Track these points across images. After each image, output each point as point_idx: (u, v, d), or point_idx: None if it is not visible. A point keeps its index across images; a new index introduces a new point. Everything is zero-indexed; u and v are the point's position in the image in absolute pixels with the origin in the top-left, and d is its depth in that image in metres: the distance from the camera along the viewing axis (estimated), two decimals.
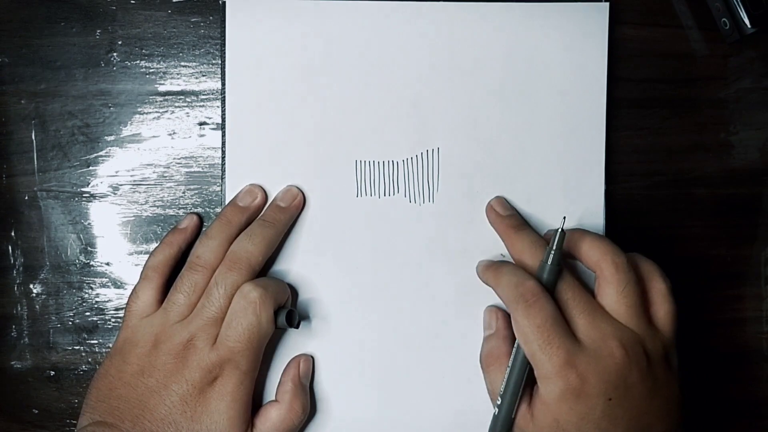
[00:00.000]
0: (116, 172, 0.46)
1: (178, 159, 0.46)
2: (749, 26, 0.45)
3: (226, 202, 0.44)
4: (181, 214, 0.46)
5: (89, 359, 0.46)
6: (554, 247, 0.40)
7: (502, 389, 0.40)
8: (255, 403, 0.43)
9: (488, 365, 0.42)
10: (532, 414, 0.39)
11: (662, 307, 0.40)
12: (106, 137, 0.46)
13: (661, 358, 0.40)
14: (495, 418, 0.41)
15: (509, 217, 0.44)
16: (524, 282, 0.39)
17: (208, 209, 0.46)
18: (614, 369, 0.38)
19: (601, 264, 0.40)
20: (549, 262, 0.40)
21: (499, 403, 0.40)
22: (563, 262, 0.40)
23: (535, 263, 0.41)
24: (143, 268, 0.43)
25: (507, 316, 0.43)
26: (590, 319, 0.39)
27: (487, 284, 0.43)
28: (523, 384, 0.40)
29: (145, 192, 0.46)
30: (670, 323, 0.40)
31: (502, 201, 0.45)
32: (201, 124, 0.46)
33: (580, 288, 0.40)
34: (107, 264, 0.46)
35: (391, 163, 0.45)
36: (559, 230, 0.40)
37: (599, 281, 0.40)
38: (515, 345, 0.40)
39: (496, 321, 0.44)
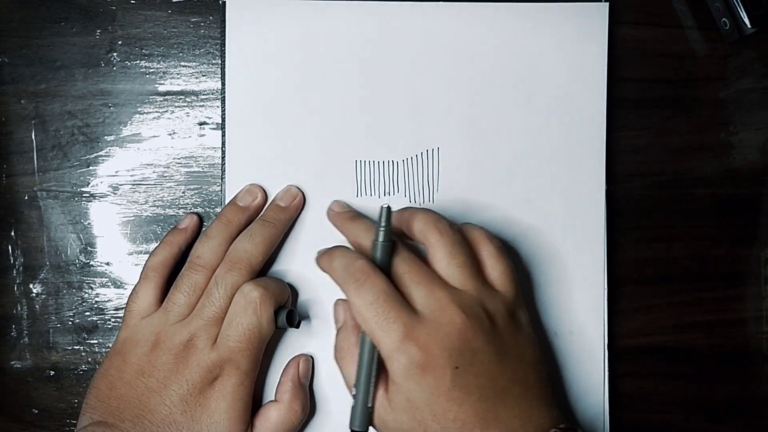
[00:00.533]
0: (116, 171, 0.46)
1: (178, 159, 0.46)
2: (749, 26, 0.45)
3: (226, 202, 0.44)
4: (181, 214, 0.46)
5: (89, 359, 0.46)
6: (382, 224, 0.39)
7: (355, 379, 0.39)
8: (255, 403, 0.43)
9: (341, 359, 0.41)
10: (389, 399, 0.38)
11: (496, 268, 0.40)
12: (106, 137, 0.46)
13: (506, 318, 0.39)
14: (353, 409, 0.39)
15: (347, 212, 0.44)
16: (354, 262, 0.38)
17: (208, 209, 0.46)
18: (456, 335, 0.37)
19: (426, 232, 0.39)
20: (379, 239, 0.39)
21: (353, 393, 0.39)
22: (397, 240, 0.39)
23: (369, 246, 0.40)
24: (143, 267, 0.43)
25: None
26: (427, 289, 0.38)
27: (323, 271, 0.41)
28: (375, 369, 0.38)
29: (145, 192, 0.46)
30: (508, 282, 0.40)
31: (340, 202, 0.45)
32: (201, 123, 0.46)
33: (415, 260, 0.39)
34: (107, 264, 0.46)
35: (391, 163, 0.45)
36: (385, 206, 0.39)
37: (429, 250, 0.39)
38: (362, 331, 0.39)
39: (343, 313, 0.42)
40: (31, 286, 0.46)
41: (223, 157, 0.45)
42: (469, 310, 0.38)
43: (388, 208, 0.39)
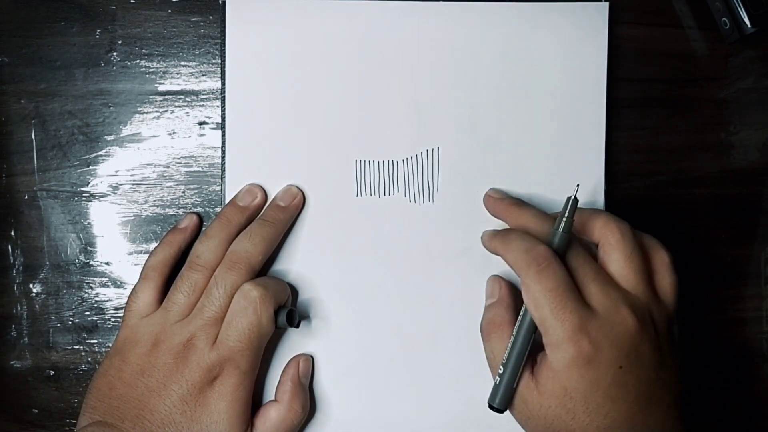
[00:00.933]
0: (116, 171, 0.46)
1: (178, 158, 0.46)
2: (749, 26, 0.45)
3: (226, 202, 0.44)
4: (180, 213, 0.46)
5: (89, 359, 0.46)
6: (566, 214, 0.39)
7: (504, 357, 0.40)
8: (255, 402, 0.43)
9: (489, 333, 0.42)
10: (536, 382, 0.39)
11: (666, 278, 0.40)
12: (105, 137, 0.46)
13: (667, 328, 0.40)
14: (495, 387, 0.40)
15: (508, 198, 0.44)
16: (535, 247, 0.39)
17: (207, 209, 0.46)
18: (626, 336, 0.38)
19: (606, 232, 0.40)
20: (560, 229, 0.39)
21: (501, 372, 0.40)
22: (574, 233, 0.40)
23: (540, 233, 0.40)
24: (143, 267, 0.43)
25: (510, 285, 0.43)
26: (601, 286, 0.39)
27: (494, 253, 0.42)
28: (527, 352, 0.39)
29: (144, 192, 0.46)
30: (673, 294, 0.40)
31: (498, 189, 0.45)
32: (201, 123, 0.46)
33: (589, 256, 0.40)
34: (107, 263, 0.46)
35: (391, 162, 0.45)
36: (573, 197, 0.39)
37: (605, 248, 0.40)
38: (522, 311, 0.40)
39: (499, 289, 0.43)
40: (30, 285, 0.46)
41: (223, 157, 0.45)
42: (640, 315, 0.38)
43: (576, 200, 0.39)
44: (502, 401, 0.40)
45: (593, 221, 0.40)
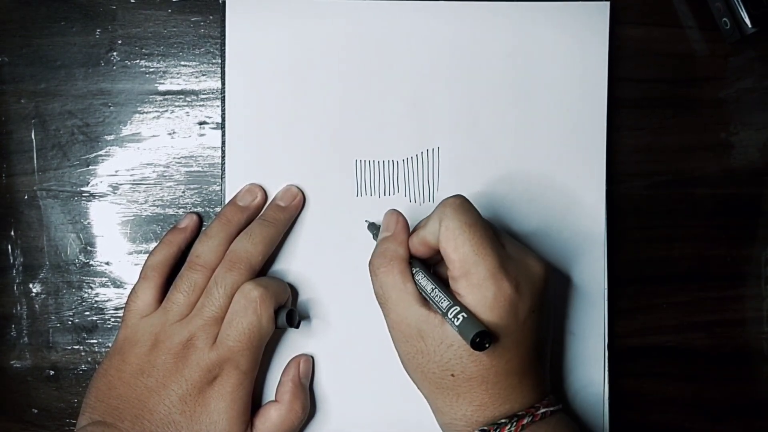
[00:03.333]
0: (116, 171, 0.46)
1: (178, 158, 0.46)
2: (750, 26, 0.45)
3: (226, 202, 0.44)
4: (180, 213, 0.46)
5: (89, 359, 0.46)
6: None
7: (430, 293, 0.38)
8: (255, 403, 0.43)
9: (378, 267, 0.40)
10: (443, 323, 0.38)
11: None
12: (105, 137, 0.46)
13: None
14: (462, 323, 0.36)
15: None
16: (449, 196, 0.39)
17: (207, 209, 0.46)
18: (539, 280, 0.39)
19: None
20: None
21: (453, 309, 0.37)
22: None
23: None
24: (143, 267, 0.43)
25: (406, 223, 0.41)
26: (508, 236, 0.40)
27: (418, 235, 0.40)
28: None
29: (144, 191, 0.46)
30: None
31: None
32: (201, 123, 0.46)
33: None
34: (107, 263, 0.46)
35: (391, 162, 0.45)
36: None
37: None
38: (419, 276, 0.39)
39: (395, 223, 0.41)
40: (30, 285, 0.46)
41: (223, 157, 0.45)
42: (543, 263, 0.39)
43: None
44: (477, 324, 0.36)
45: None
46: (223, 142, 0.45)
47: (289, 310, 0.42)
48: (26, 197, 0.46)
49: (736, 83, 0.47)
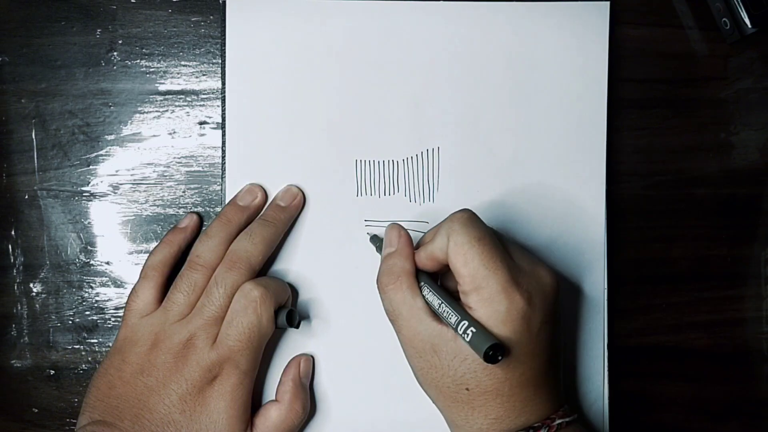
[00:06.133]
0: (116, 171, 0.46)
1: (179, 158, 0.46)
2: (750, 26, 0.45)
3: (227, 202, 0.44)
4: (181, 213, 0.46)
5: (89, 358, 0.46)
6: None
7: (438, 308, 0.38)
8: (255, 402, 0.43)
9: (387, 284, 0.40)
10: (456, 337, 0.38)
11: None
12: (106, 136, 0.46)
13: None
14: (474, 337, 0.36)
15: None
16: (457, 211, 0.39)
17: (208, 208, 0.46)
18: (551, 292, 0.38)
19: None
20: None
21: (463, 324, 0.36)
22: None
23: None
24: (143, 267, 0.43)
25: (409, 236, 0.41)
26: (518, 247, 0.40)
27: (424, 251, 0.40)
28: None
29: (145, 191, 0.46)
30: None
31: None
32: (201, 123, 0.46)
33: None
34: (107, 263, 0.46)
35: (391, 162, 0.45)
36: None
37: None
38: (425, 289, 0.39)
39: (398, 238, 0.41)
40: (31, 285, 0.46)
41: (223, 157, 0.45)
42: (553, 275, 0.39)
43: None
44: (489, 336, 0.36)
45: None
46: (224, 142, 0.45)
47: (289, 310, 0.42)
48: (27, 197, 0.46)
49: (736, 83, 0.47)
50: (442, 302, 0.38)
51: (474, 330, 0.36)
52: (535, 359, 0.38)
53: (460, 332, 0.36)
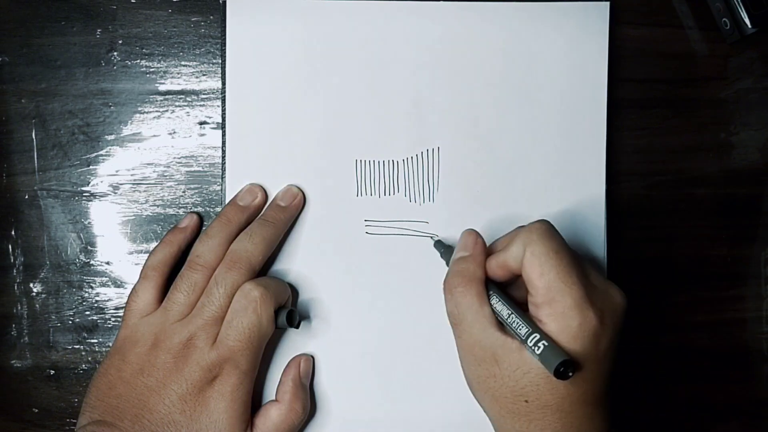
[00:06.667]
0: (116, 171, 0.46)
1: (179, 158, 0.46)
2: (750, 26, 0.45)
3: (227, 202, 0.44)
4: (181, 213, 0.46)
5: (89, 358, 0.46)
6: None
7: (507, 318, 0.37)
8: (255, 402, 0.43)
9: (455, 286, 0.39)
10: (521, 351, 0.37)
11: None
12: (106, 136, 0.46)
13: None
14: (544, 351, 0.36)
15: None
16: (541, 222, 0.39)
17: (208, 208, 0.46)
18: (621, 312, 0.38)
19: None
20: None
21: (534, 337, 0.36)
22: None
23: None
24: (143, 267, 0.43)
25: (485, 244, 0.41)
26: (589, 265, 0.39)
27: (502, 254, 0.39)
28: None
29: (145, 191, 0.46)
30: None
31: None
32: (201, 123, 0.46)
33: None
34: (107, 263, 0.46)
35: (391, 162, 0.45)
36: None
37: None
38: (495, 299, 0.38)
39: (474, 244, 0.40)
40: (31, 285, 0.46)
41: (223, 157, 0.45)
42: (622, 295, 0.39)
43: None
44: (560, 353, 0.35)
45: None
46: (224, 142, 0.45)
47: (289, 310, 0.42)
48: (27, 197, 0.46)
49: (736, 83, 0.47)
50: (512, 312, 0.38)
51: (546, 344, 0.36)
52: (598, 378, 0.37)
53: (530, 345, 0.36)
